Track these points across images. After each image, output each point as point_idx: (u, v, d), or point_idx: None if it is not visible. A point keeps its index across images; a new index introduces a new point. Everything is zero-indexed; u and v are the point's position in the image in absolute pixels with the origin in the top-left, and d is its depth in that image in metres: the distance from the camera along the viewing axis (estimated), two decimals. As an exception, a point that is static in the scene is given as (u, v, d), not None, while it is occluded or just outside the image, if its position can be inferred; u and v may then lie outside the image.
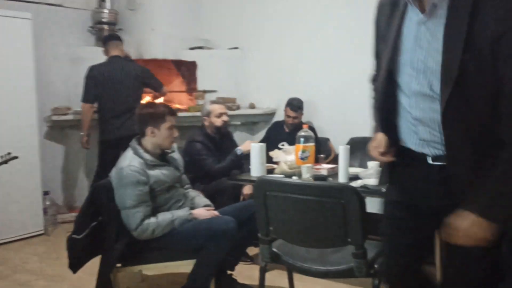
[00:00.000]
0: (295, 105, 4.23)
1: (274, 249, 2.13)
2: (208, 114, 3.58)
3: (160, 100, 4.48)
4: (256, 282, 2.29)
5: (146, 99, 4.49)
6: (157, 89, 4.33)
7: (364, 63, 4.36)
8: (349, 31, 4.39)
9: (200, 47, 5.00)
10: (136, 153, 2.52)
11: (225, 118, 3.57)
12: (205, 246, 2.45)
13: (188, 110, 4.66)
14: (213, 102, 3.74)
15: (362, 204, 1.84)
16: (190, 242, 2.48)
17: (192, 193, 2.84)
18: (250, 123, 5.05)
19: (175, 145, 2.76)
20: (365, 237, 1.88)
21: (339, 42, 4.46)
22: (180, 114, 4.56)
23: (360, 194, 1.85)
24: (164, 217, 2.49)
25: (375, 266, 1.95)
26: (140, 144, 2.58)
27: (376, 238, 3.17)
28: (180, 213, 2.54)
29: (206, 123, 3.60)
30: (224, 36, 5.08)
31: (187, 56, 4.95)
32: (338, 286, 2.86)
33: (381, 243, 1.79)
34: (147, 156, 2.52)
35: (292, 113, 4.23)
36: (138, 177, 2.43)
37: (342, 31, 4.43)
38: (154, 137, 2.54)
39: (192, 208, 2.68)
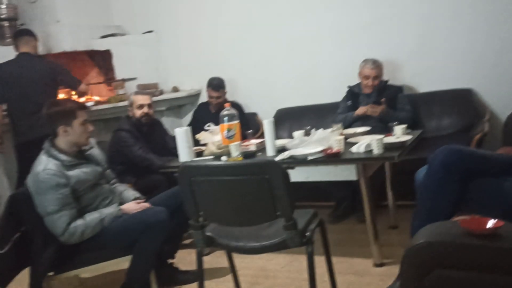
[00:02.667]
0: (216, 84, 4.19)
1: (208, 233, 2.11)
2: (131, 104, 3.46)
3: (82, 97, 4.27)
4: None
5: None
6: (73, 86, 4.11)
7: (282, 33, 4.47)
8: (264, 2, 4.38)
9: (113, 35, 4.79)
10: (50, 155, 2.39)
11: (145, 110, 3.44)
12: (139, 240, 2.39)
13: (108, 102, 4.48)
14: (137, 92, 3.61)
15: (286, 177, 1.85)
16: (123, 239, 2.42)
17: (120, 187, 2.76)
18: (176, 107, 4.95)
19: (93, 141, 2.64)
20: (293, 208, 1.91)
21: (254, 14, 4.45)
22: (101, 106, 4.42)
23: (282, 168, 1.86)
24: (92, 217, 2.40)
25: (307, 234, 1.99)
26: (53, 145, 2.44)
27: (309, 204, 3.28)
28: (109, 211, 2.46)
29: (130, 114, 3.49)
30: (136, 20, 4.90)
31: (100, 45, 4.73)
32: (278, 256, 2.91)
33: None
34: (63, 157, 2.40)
35: (214, 93, 4.19)
36: (57, 180, 2.31)
37: (258, 3, 4.41)
38: (68, 135, 2.42)
39: (121, 203, 2.60)
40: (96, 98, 4.65)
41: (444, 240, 1.29)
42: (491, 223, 1.32)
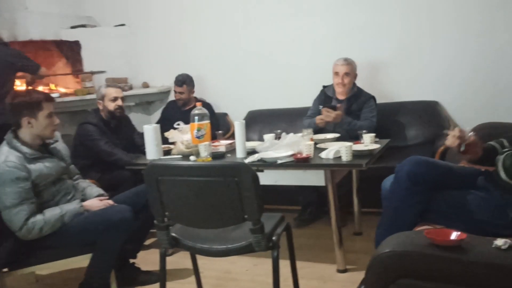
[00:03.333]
0: (179, 80, 4.16)
1: (173, 234, 2.07)
2: (102, 97, 3.37)
3: (39, 84, 4.12)
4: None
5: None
6: (33, 71, 3.95)
7: (258, 35, 4.46)
8: (241, 4, 4.36)
9: (83, 25, 4.67)
10: (12, 146, 2.30)
11: (119, 102, 3.38)
12: (100, 238, 2.33)
13: (75, 94, 4.36)
14: (109, 85, 3.52)
15: (256, 180, 1.84)
16: (84, 236, 2.34)
17: (83, 183, 2.68)
18: (145, 103, 4.87)
19: (58, 134, 2.56)
20: (261, 212, 1.89)
21: (230, 14, 4.42)
22: (67, 98, 4.30)
23: (252, 171, 1.85)
24: (52, 212, 2.32)
25: (273, 238, 1.98)
26: (16, 136, 2.35)
27: (276, 208, 3.27)
28: (70, 207, 2.38)
29: (100, 107, 3.39)
30: (108, 12, 4.79)
31: (69, 35, 4.60)
32: (244, 259, 2.90)
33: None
34: (25, 149, 2.31)
35: (177, 89, 4.17)
36: (17, 173, 2.23)
37: (234, 4, 4.39)
38: (32, 127, 2.34)
39: (84, 199, 2.53)
40: (62, 89, 4.53)
41: (409, 250, 1.30)
42: (455, 235, 1.35)
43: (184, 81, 4.15)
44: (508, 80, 3.56)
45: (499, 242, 1.30)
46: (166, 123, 3.57)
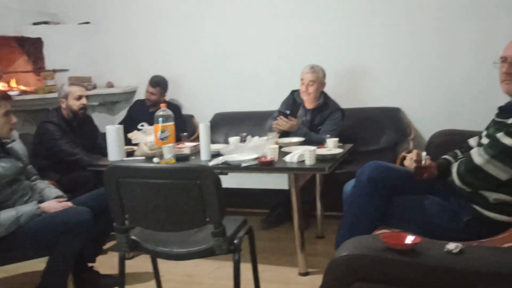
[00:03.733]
0: (155, 81, 4.15)
1: (133, 237, 2.04)
2: (66, 95, 3.29)
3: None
4: (119, 270, 2.18)
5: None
6: None
7: (226, 38, 4.46)
8: (209, 5, 4.35)
9: (46, 22, 4.55)
10: (-34, 145, 2.22)
11: (83, 101, 3.31)
12: (58, 241, 2.26)
13: (36, 92, 4.24)
14: (73, 83, 3.43)
15: (218, 183, 1.83)
16: (40, 239, 2.27)
17: (41, 184, 2.60)
18: (109, 103, 4.78)
19: (16, 134, 2.48)
20: (223, 215, 1.89)
21: (200, 17, 4.40)
22: (27, 96, 4.17)
23: (215, 174, 1.84)
24: (7, 214, 2.24)
25: (235, 242, 1.98)
26: (-30, 135, 2.27)
27: (241, 211, 3.27)
28: (26, 208, 2.31)
29: (63, 105, 3.31)
30: (72, 10, 4.69)
31: (31, 32, 4.46)
32: (206, 262, 2.88)
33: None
34: (-20, 149, 2.23)
35: (150, 89, 4.15)
36: (-29, 172, 2.15)
37: (203, 5, 4.37)
38: (-13, 126, 2.26)
39: (41, 201, 2.45)
40: (23, 87, 4.39)
41: (365, 253, 1.32)
42: (409, 239, 1.38)
43: (159, 83, 4.13)
44: (466, 89, 3.69)
45: (451, 246, 1.34)
46: (131, 123, 3.52)
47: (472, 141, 2.15)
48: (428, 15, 3.73)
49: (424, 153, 2.08)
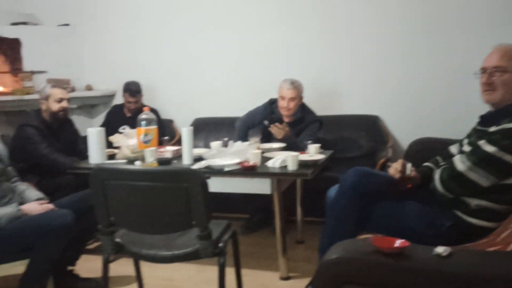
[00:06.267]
0: (133, 90, 4.10)
1: (117, 240, 2.03)
2: (47, 97, 3.23)
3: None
4: (100, 273, 2.16)
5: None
6: None
7: (205, 43, 4.47)
8: (188, 13, 4.37)
9: (24, 23, 4.49)
10: None
11: (64, 104, 3.26)
12: (38, 243, 2.23)
13: (13, 94, 4.16)
14: (55, 85, 3.37)
15: (205, 187, 1.85)
16: (20, 241, 2.24)
17: (21, 186, 2.56)
18: (88, 106, 4.74)
19: (-4, 134, 2.44)
20: (209, 218, 1.90)
21: (178, 23, 4.41)
22: (4, 98, 4.10)
23: (202, 177, 1.86)
24: (-14, 216, 2.20)
25: (220, 245, 1.99)
26: (-50, 135, 2.22)
27: (222, 215, 3.28)
28: (6, 210, 2.27)
29: (43, 107, 3.25)
30: (51, 11, 4.64)
31: (9, 32, 4.40)
32: (187, 266, 2.88)
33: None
34: (-41, 149, 2.18)
35: (131, 99, 4.10)
36: (-50, 173, 2.10)
37: (182, 12, 4.39)
38: (-33, 126, 2.21)
39: (22, 203, 2.41)
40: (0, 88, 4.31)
41: (355, 256, 1.36)
42: (398, 242, 1.42)
43: (138, 90, 4.09)
44: (442, 97, 3.79)
45: (439, 249, 1.38)
46: (110, 127, 3.49)
47: (453, 148, 2.23)
48: (404, 23, 3.83)
49: (409, 164, 2.14)
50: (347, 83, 4.04)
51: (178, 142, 3.74)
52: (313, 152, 2.96)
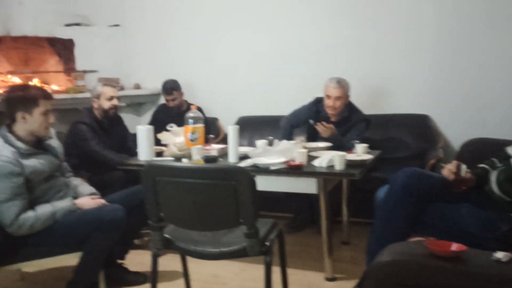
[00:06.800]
0: (168, 88, 4.13)
1: (166, 235, 2.07)
2: (98, 96, 3.36)
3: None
4: (148, 268, 2.22)
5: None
6: None
7: (251, 42, 4.49)
8: (234, 11, 4.39)
9: (77, 24, 4.65)
10: (6, 141, 2.27)
11: (115, 102, 3.38)
12: (91, 237, 2.30)
13: (66, 92, 4.33)
14: (106, 84, 3.50)
15: (253, 185, 1.85)
16: (74, 235, 2.32)
17: (75, 181, 2.65)
18: (136, 104, 4.86)
19: (52, 131, 2.54)
20: (256, 216, 1.91)
21: (225, 22, 4.45)
22: (58, 96, 4.25)
23: (250, 176, 1.86)
24: (43, 209, 2.29)
25: (267, 244, 1.99)
26: (11, 131, 2.32)
27: (266, 214, 3.28)
28: (62, 204, 2.36)
29: (95, 105, 3.38)
30: (103, 12, 4.77)
31: (63, 33, 4.57)
32: (232, 263, 2.90)
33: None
34: (19, 144, 2.28)
35: (168, 97, 4.15)
36: (11, 168, 2.20)
37: (227, 11, 4.42)
38: (26, 123, 2.31)
39: (76, 197, 2.50)
40: (54, 87, 4.49)
41: (409, 259, 1.32)
42: (455, 246, 1.37)
43: (173, 87, 4.14)
44: (496, 96, 3.64)
45: (499, 254, 1.33)
46: (157, 125, 3.55)
47: (510, 150, 2.13)
48: (459, 18, 3.69)
49: (464, 166, 2.07)
50: (396, 81, 3.94)
51: (223, 140, 3.77)
52: (361, 152, 2.92)
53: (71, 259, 2.38)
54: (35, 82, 4.47)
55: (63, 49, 4.59)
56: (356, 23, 4.01)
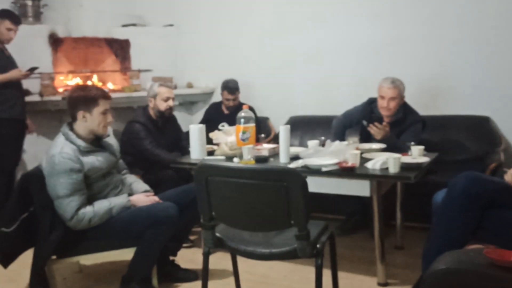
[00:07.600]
0: (232, 87, 4.16)
1: (218, 234, 2.08)
2: (155, 96, 3.43)
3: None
4: (198, 265, 2.25)
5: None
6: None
7: (303, 41, 4.46)
8: (288, 9, 4.37)
9: (133, 24, 4.79)
10: (67, 139, 2.37)
11: (170, 103, 3.44)
12: (146, 233, 2.37)
13: (122, 91, 4.47)
14: (162, 84, 3.57)
15: (305, 187, 1.83)
16: (129, 230, 2.39)
17: (130, 178, 2.73)
18: (188, 103, 4.94)
19: (110, 129, 2.63)
20: (308, 218, 1.88)
21: (278, 20, 4.43)
22: (114, 95, 4.39)
23: (302, 177, 1.84)
24: (101, 205, 2.38)
25: (318, 246, 1.97)
26: (72, 129, 2.43)
27: (317, 215, 3.24)
28: (118, 201, 2.44)
29: (151, 105, 3.46)
30: (158, 12, 4.89)
31: (120, 33, 4.73)
32: (281, 264, 2.89)
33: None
34: (79, 142, 2.38)
35: (230, 96, 4.18)
36: (71, 164, 2.30)
37: (281, 9, 4.41)
38: (86, 122, 2.41)
39: (131, 194, 2.57)
40: (111, 86, 4.65)
41: (467, 268, 1.26)
42: (516, 256, 1.30)
43: (236, 87, 4.17)
44: None
45: None
46: (208, 124, 3.60)
47: None
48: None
49: None
50: (453, 80, 3.78)
51: (274, 140, 3.76)
52: (416, 154, 2.82)
53: (126, 254, 2.46)
54: (94, 80, 4.65)
55: (120, 49, 4.75)
56: (409, 19, 3.88)
